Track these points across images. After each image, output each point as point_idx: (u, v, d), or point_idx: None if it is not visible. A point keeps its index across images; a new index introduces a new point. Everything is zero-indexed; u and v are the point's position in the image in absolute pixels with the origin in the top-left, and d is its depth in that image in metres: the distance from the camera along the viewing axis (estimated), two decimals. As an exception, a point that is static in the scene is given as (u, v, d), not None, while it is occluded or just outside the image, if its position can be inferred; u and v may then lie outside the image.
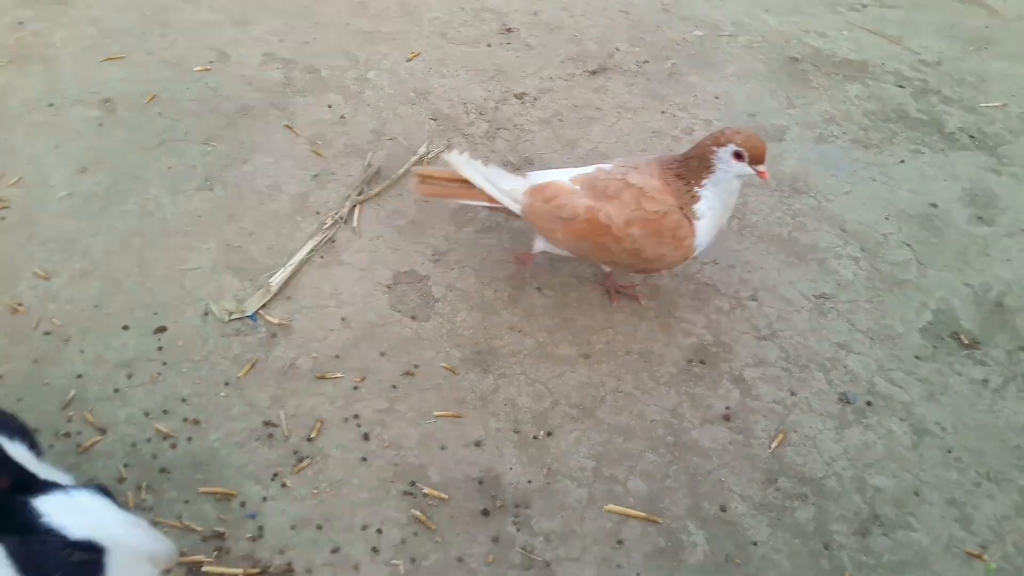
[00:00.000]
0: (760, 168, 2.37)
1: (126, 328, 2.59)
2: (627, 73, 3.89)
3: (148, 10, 3.93)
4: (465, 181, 2.61)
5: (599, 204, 2.45)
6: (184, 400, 2.42)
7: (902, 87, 3.94)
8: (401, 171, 3.16)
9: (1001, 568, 2.16)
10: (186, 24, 3.86)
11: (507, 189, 2.58)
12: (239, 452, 2.32)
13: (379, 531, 2.17)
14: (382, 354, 2.58)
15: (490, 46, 3.92)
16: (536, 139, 3.42)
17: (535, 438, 2.39)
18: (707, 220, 2.46)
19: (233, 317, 2.64)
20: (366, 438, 2.37)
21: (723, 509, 2.25)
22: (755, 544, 2.18)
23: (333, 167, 3.20)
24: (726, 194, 2.45)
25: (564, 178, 2.56)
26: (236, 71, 3.61)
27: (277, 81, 3.57)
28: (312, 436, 2.36)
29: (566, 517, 2.22)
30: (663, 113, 3.66)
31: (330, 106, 3.47)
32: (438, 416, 2.43)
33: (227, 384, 2.47)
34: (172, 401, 2.42)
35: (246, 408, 2.42)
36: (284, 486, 2.24)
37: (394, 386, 2.50)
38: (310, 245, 2.86)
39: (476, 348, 2.61)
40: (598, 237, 2.46)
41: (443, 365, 2.56)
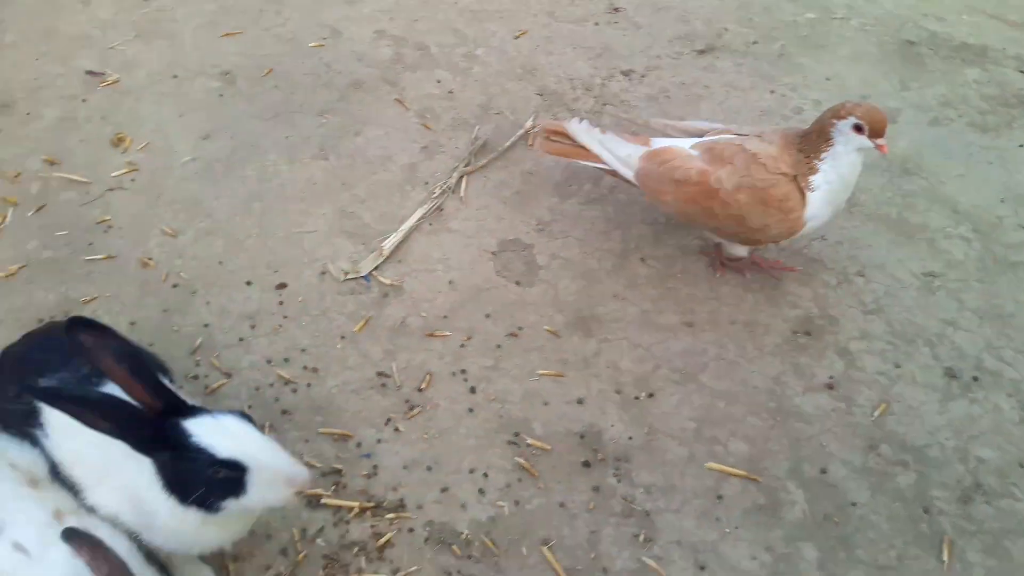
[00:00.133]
0: (879, 141, 2.47)
1: (249, 284, 2.86)
2: (736, 53, 4.00)
3: (264, -11, 4.26)
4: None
5: (712, 168, 2.60)
6: (303, 350, 2.68)
7: (1024, 72, 3.96)
8: (507, 144, 3.37)
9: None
10: (300, 3, 4.16)
11: (622, 155, 2.76)
12: (355, 399, 2.56)
13: (485, 475, 2.38)
14: (487, 316, 2.79)
15: (597, 24, 4.10)
16: (643, 115, 3.57)
17: (637, 399, 2.56)
18: (821, 194, 2.56)
19: (348, 277, 2.89)
20: (472, 391, 2.58)
21: (823, 472, 2.38)
22: (854, 505, 2.30)
23: (441, 139, 3.42)
24: (846, 168, 2.55)
25: (685, 144, 2.72)
26: (348, 47, 3.88)
27: (388, 57, 3.82)
28: (422, 387, 2.58)
29: (666, 472, 2.39)
30: (772, 93, 3.77)
31: (439, 81, 3.71)
32: (541, 375, 2.62)
33: (343, 337, 2.72)
34: (292, 351, 2.68)
35: (360, 360, 2.66)
36: (396, 430, 2.48)
37: (499, 345, 2.70)
38: (419, 212, 3.10)
39: (579, 314, 2.79)
40: (706, 201, 2.61)
41: (546, 328, 2.75)
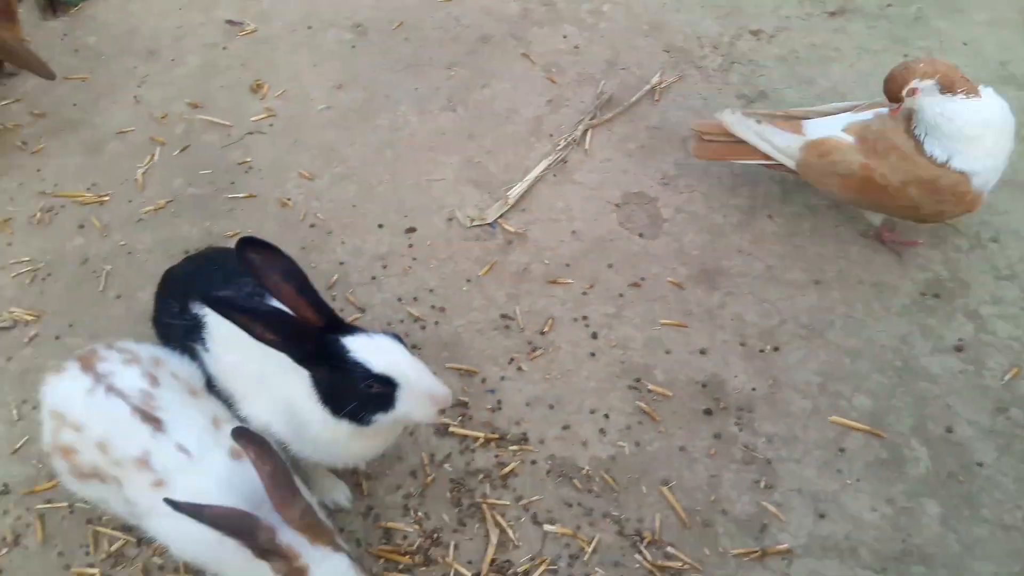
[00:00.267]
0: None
1: (380, 227, 3.04)
2: (869, 16, 3.97)
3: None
4: (738, 140, 2.86)
5: (874, 163, 2.63)
6: (431, 291, 2.84)
7: None
8: (633, 99, 3.45)
9: None
10: (429, -41, 4.32)
11: (782, 146, 2.81)
12: (480, 338, 2.71)
13: (606, 416, 2.49)
14: (610, 266, 2.89)
15: (726, -17, 4.13)
16: (772, 75, 3.60)
17: (761, 351, 2.63)
18: (981, 167, 2.57)
19: (474, 224, 3.03)
20: (594, 337, 2.69)
21: (949, 431, 2.41)
22: (980, 465, 2.33)
23: (566, 94, 3.53)
24: (976, 128, 2.54)
25: (837, 128, 2.74)
26: (476, 2, 4.01)
27: (515, 12, 3.94)
28: (545, 330, 2.71)
29: (789, 423, 2.46)
30: (905, 57, 3.72)
31: (565, 36, 3.80)
32: (664, 324, 2.71)
33: (469, 280, 2.87)
34: (421, 291, 2.84)
35: (485, 302, 2.80)
36: (520, 369, 2.61)
37: (621, 295, 2.80)
38: (544, 164, 3.21)
39: (703, 267, 2.87)
40: (874, 194, 2.67)
41: (669, 280, 2.84)
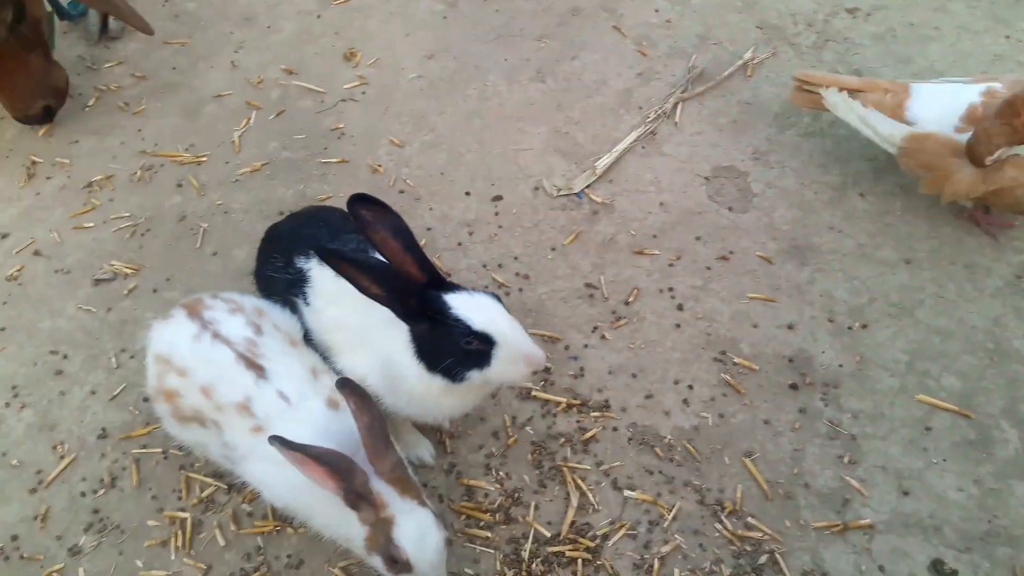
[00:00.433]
0: None
1: (468, 194, 3.13)
2: (971, -6, 3.93)
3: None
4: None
5: (984, 176, 2.63)
6: (516, 258, 2.92)
7: None
8: (725, 73, 3.48)
9: None
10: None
11: (885, 134, 2.82)
12: (563, 306, 2.77)
13: (690, 387, 2.55)
14: (697, 238, 2.93)
15: (824, -42, 4.11)
16: (867, 53, 3.59)
17: (849, 328, 2.65)
18: None
19: (561, 193, 3.10)
20: (680, 308, 2.74)
21: (1042, 414, 2.41)
22: (1074, 450, 2.33)
23: (657, 67, 3.57)
24: None
25: (949, 114, 2.74)
26: (567, -25, 4.07)
27: (607, -15, 3.99)
28: (629, 300, 2.77)
29: (875, 400, 2.48)
30: (1007, 38, 3.68)
31: (657, 10, 3.83)
32: (751, 298, 2.75)
33: (553, 249, 2.94)
34: (506, 258, 2.92)
35: (570, 271, 2.87)
36: (603, 338, 2.68)
37: (708, 267, 2.85)
38: (633, 135, 3.26)
39: (793, 242, 2.89)
40: (982, 198, 2.69)
41: (758, 254, 2.87)
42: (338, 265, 1.93)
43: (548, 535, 2.29)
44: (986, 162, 2.58)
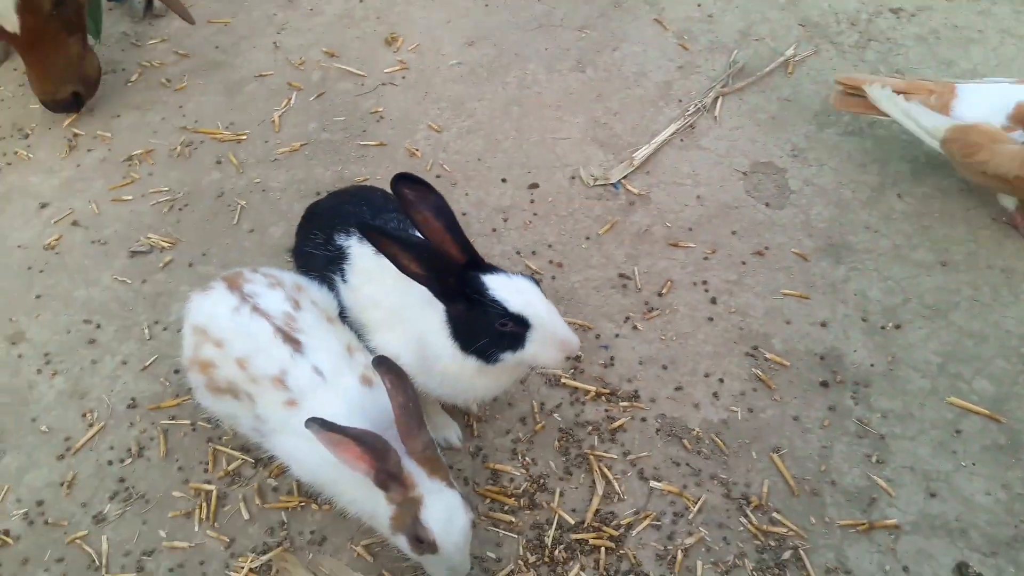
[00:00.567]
0: None
1: (504, 181, 3.15)
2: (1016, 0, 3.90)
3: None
4: None
5: None
6: (550, 246, 2.94)
7: None
8: (766, 69, 3.48)
9: None
10: (565, -80, 4.39)
11: (928, 127, 2.81)
12: (596, 295, 2.80)
13: (720, 380, 2.56)
14: (733, 233, 2.95)
15: (870, -42, 4.09)
16: (909, 54, 3.58)
17: (883, 328, 2.66)
18: None
19: (597, 183, 3.12)
20: (713, 302, 2.75)
21: (1076, 423, 2.40)
22: (1108, 459, 2.32)
23: (698, 60, 3.58)
24: None
25: (997, 109, 2.73)
26: (610, -34, 4.08)
27: (649, -23, 4.00)
28: (662, 292, 2.78)
29: (906, 401, 2.48)
30: (1054, 42, 3.66)
31: (699, 5, 3.84)
32: (785, 294, 2.76)
33: (588, 238, 2.96)
34: (540, 245, 2.94)
35: (603, 260, 2.89)
36: (635, 328, 2.70)
37: (743, 262, 2.86)
38: (672, 128, 3.27)
39: (829, 240, 2.90)
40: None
41: (794, 251, 2.88)
42: (380, 242, 1.96)
43: (572, 522, 2.31)
44: None
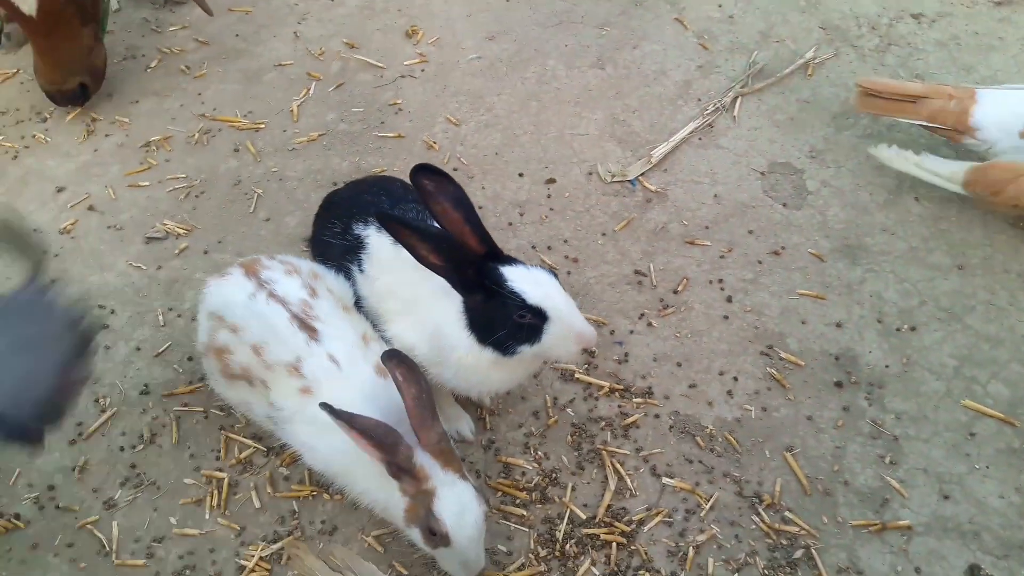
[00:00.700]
0: None
1: (521, 175, 3.16)
2: (1038, 7, 3.90)
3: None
4: (906, 100, 2.91)
5: None
6: (566, 241, 2.95)
7: None
8: (786, 71, 3.49)
9: None
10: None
11: (946, 175, 2.84)
12: (611, 291, 2.81)
13: (735, 379, 2.57)
14: (750, 232, 2.95)
15: (892, -39, 4.09)
16: (929, 59, 3.58)
17: (898, 330, 2.66)
18: None
19: (615, 179, 3.12)
20: (729, 300, 2.76)
21: (1091, 428, 2.41)
22: (1123, 466, 2.32)
23: (717, 60, 3.58)
24: None
25: (1014, 128, 2.74)
26: (631, -36, 4.09)
27: (670, -24, 4.01)
28: (678, 289, 2.79)
29: (920, 403, 2.49)
30: (1074, 52, 3.66)
31: (720, 6, 3.84)
32: (801, 294, 2.77)
33: (604, 234, 2.96)
34: (556, 241, 2.95)
35: (619, 256, 2.90)
36: (650, 325, 2.70)
37: (760, 261, 2.86)
38: (691, 126, 3.28)
39: (846, 241, 2.90)
40: None
41: (810, 251, 2.88)
42: (399, 231, 1.96)
43: (583, 517, 2.32)
44: None
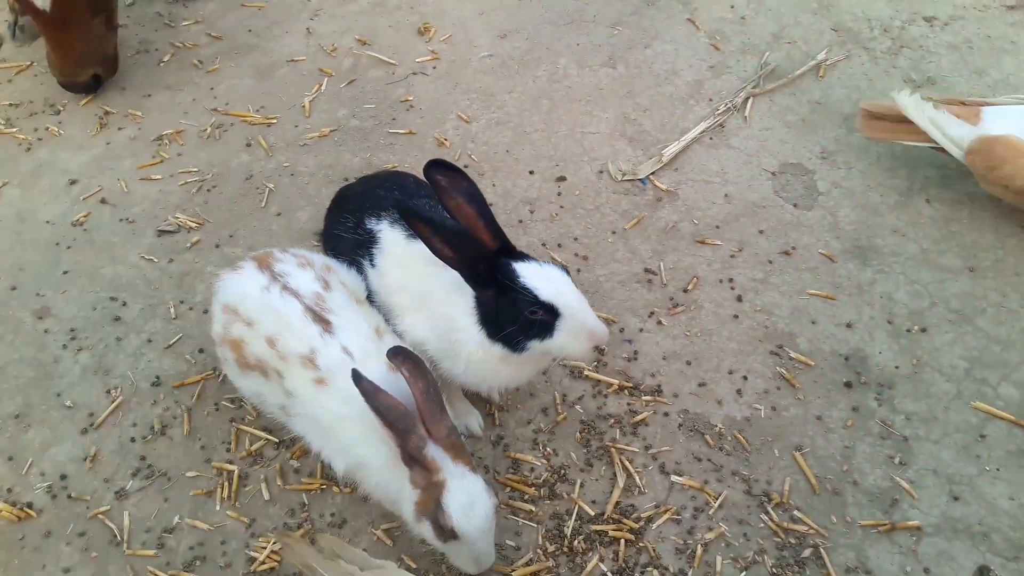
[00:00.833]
0: None
1: (532, 173, 3.17)
2: (1052, 11, 3.90)
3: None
4: (910, 122, 2.90)
5: None
6: (576, 239, 2.95)
7: None
8: (797, 72, 3.49)
9: None
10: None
11: (954, 136, 2.83)
12: (621, 289, 2.81)
13: (744, 378, 2.57)
14: (760, 232, 2.95)
15: (904, -36, 4.10)
16: (941, 62, 3.58)
17: (908, 331, 2.66)
18: None
19: (625, 178, 3.13)
20: (739, 300, 2.76)
21: (1102, 432, 2.41)
22: None
23: (729, 61, 3.58)
24: None
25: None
26: (643, -36, 4.10)
27: (682, -24, 4.02)
28: (688, 288, 2.79)
29: (930, 404, 2.49)
30: (1086, 56, 3.66)
31: (732, 7, 3.85)
32: (811, 294, 2.77)
33: (614, 232, 2.97)
34: (566, 238, 2.96)
35: (629, 255, 2.90)
36: (659, 323, 2.71)
37: (770, 261, 2.87)
38: (702, 126, 3.29)
39: (856, 242, 2.91)
40: None
41: (821, 252, 2.89)
42: (415, 223, 1.97)
43: (592, 513, 2.32)
44: None
